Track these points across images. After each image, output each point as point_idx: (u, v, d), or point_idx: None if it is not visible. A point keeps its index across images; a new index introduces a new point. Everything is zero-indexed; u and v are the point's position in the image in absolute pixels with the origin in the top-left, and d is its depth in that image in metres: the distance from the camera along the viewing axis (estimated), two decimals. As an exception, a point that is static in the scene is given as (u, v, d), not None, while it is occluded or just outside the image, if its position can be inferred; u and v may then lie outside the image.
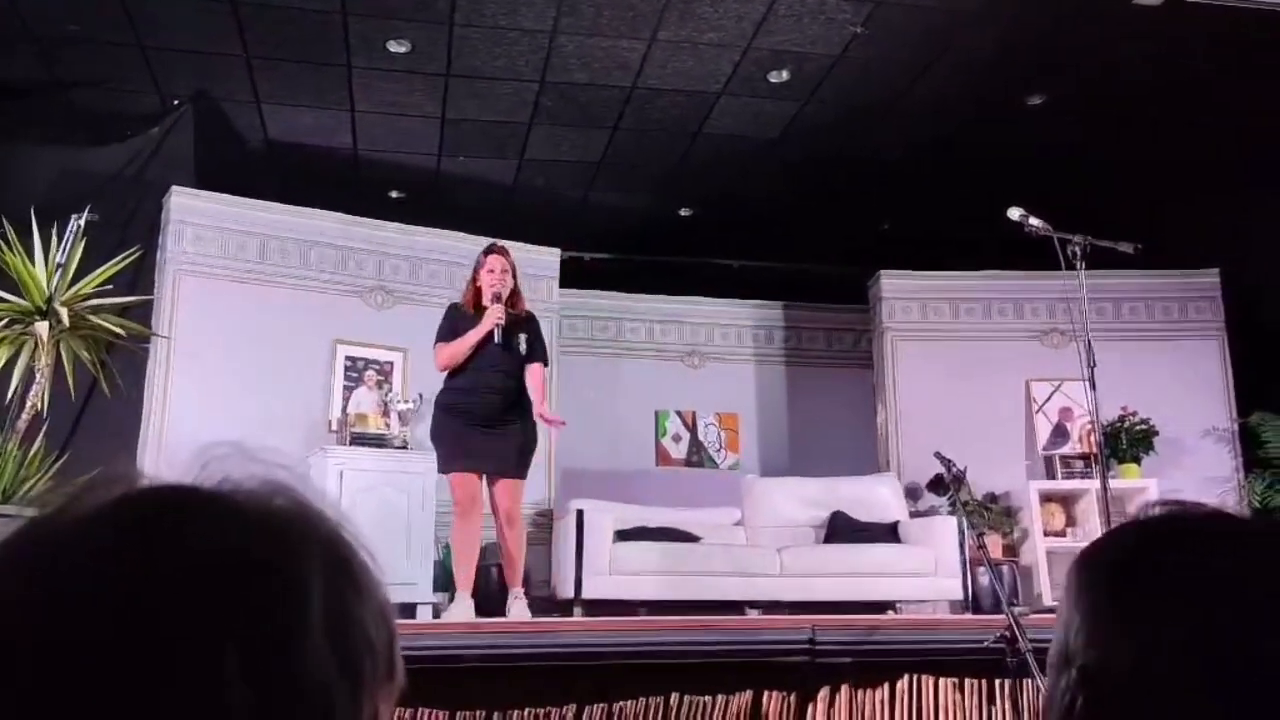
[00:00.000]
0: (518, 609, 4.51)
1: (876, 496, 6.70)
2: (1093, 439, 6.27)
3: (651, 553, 5.86)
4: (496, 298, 4.47)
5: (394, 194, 7.67)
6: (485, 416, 4.43)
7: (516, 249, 7.31)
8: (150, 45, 5.82)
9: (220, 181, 6.45)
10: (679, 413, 8.31)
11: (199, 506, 0.49)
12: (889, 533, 6.38)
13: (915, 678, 2.76)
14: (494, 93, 6.38)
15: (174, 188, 6.25)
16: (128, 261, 5.02)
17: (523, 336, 4.53)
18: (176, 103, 6.37)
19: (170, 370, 5.99)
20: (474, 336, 4.41)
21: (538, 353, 4.58)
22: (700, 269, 8.39)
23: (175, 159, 6.39)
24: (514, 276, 4.60)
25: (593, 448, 7.62)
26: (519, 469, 4.48)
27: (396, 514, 5.58)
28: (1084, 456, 6.91)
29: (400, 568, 5.48)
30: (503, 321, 4.40)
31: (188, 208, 6.29)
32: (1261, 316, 7.32)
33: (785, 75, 6.15)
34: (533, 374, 4.55)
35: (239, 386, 6.07)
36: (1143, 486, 6.79)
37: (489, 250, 4.67)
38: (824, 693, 2.70)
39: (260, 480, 0.52)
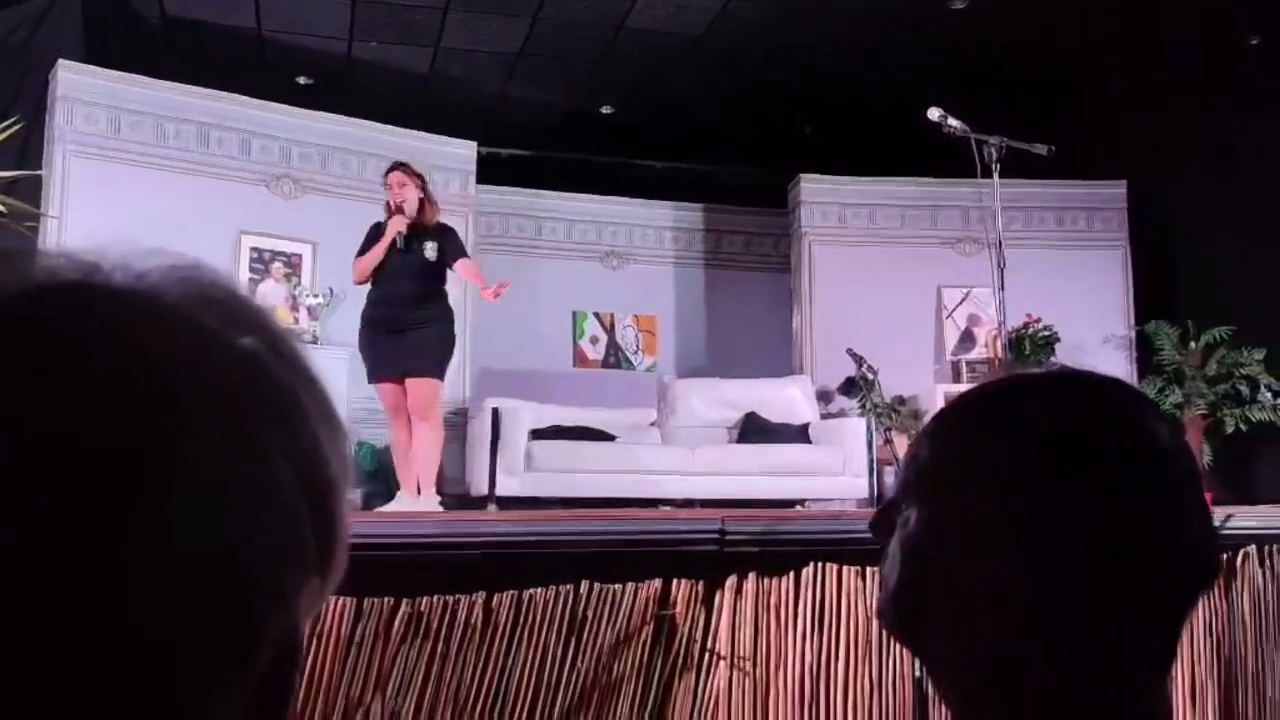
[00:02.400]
0: (426, 504, 4.57)
1: (789, 399, 6.81)
2: (998, 344, 6.44)
3: (566, 451, 5.89)
4: (398, 209, 4.63)
5: (302, 80, 7.33)
6: (393, 321, 4.58)
7: (431, 141, 7.14)
8: (31, -95, 5.39)
9: (113, 58, 6.07)
10: (597, 314, 8.28)
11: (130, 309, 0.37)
12: (800, 434, 6.51)
13: (819, 565, 2.83)
14: (408, -26, 6.09)
15: (61, 61, 5.86)
16: (7, 134, 4.70)
17: (430, 244, 4.64)
18: (63, -30, 5.93)
19: (61, 259, 5.70)
20: (378, 249, 4.60)
21: (451, 253, 4.72)
22: (621, 169, 8.27)
23: (63, 30, 5.97)
24: (422, 189, 4.75)
25: (509, 347, 7.57)
26: (427, 369, 4.55)
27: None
28: (989, 361, 7.11)
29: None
30: (403, 230, 4.57)
31: (77, 84, 5.91)
32: (1162, 228, 7.55)
33: (711, -32, 5.99)
34: (463, 270, 4.76)
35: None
36: (1043, 391, 7.03)
37: (389, 169, 4.85)
38: (731, 580, 2.76)
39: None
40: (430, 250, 4.61)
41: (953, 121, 3.99)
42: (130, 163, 6.04)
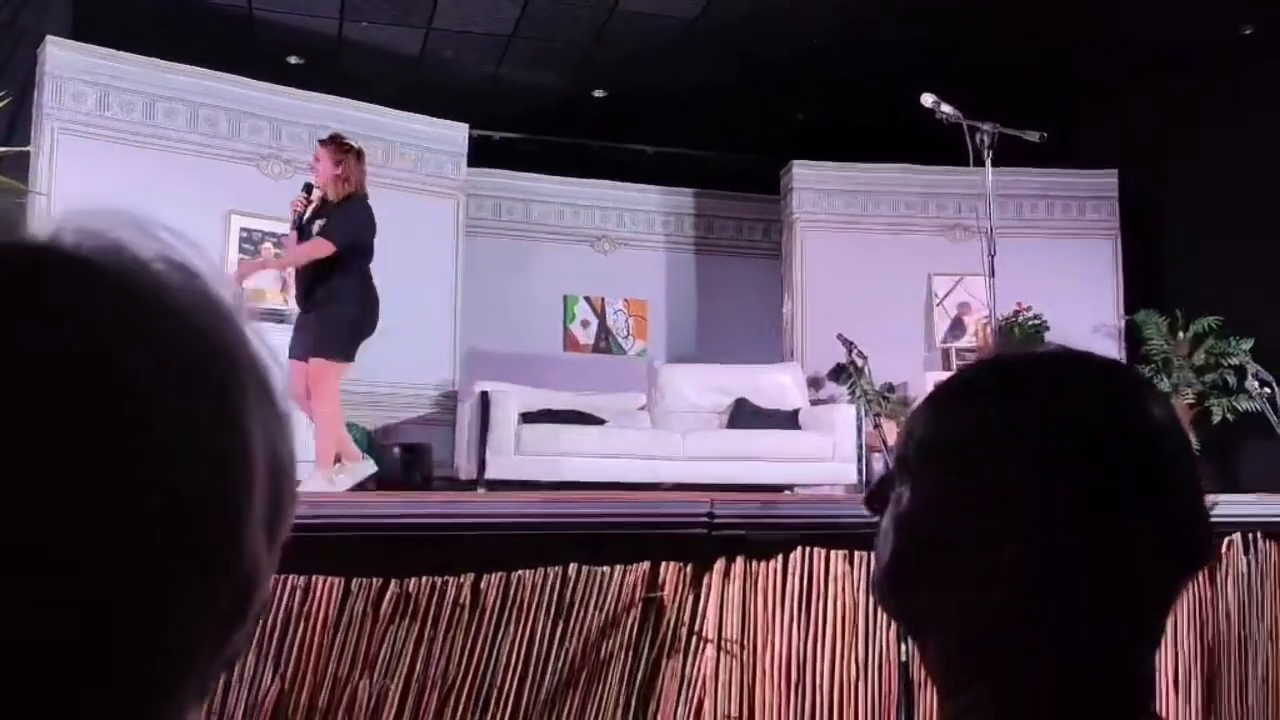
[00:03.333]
0: (315, 485, 4.28)
1: (779, 385, 6.82)
2: (988, 331, 6.45)
3: (556, 435, 5.89)
4: (305, 188, 4.55)
5: (293, 59, 7.28)
6: (300, 302, 4.53)
7: (422, 123, 7.10)
8: (18, -121, 5.33)
9: (102, 35, 6.02)
10: (588, 298, 8.27)
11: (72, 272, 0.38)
12: (790, 420, 6.52)
13: (807, 549, 2.84)
14: (400, -47, 6.05)
15: (49, 38, 5.80)
16: (-2, 109, 4.65)
17: (319, 222, 4.43)
18: (51, -54, 5.87)
19: (49, 234, 5.65)
20: (292, 235, 4.55)
21: (323, 229, 4.41)
22: (613, 153, 8.25)
23: (50, 7, 5.91)
24: (336, 163, 4.48)
25: (499, 331, 7.56)
26: (312, 351, 4.35)
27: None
28: (979, 349, 7.12)
29: (302, 449, 5.39)
30: (300, 209, 4.49)
31: (64, 60, 5.86)
32: (1152, 217, 7.57)
33: (705, -49, 5.96)
34: (311, 246, 4.41)
35: (126, 257, 5.79)
36: (1032, 379, 7.05)
37: (319, 141, 4.70)
38: (720, 563, 2.76)
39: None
40: (316, 229, 4.41)
41: (945, 108, 3.98)
42: (119, 141, 6.00)
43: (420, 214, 6.90)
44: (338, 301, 4.41)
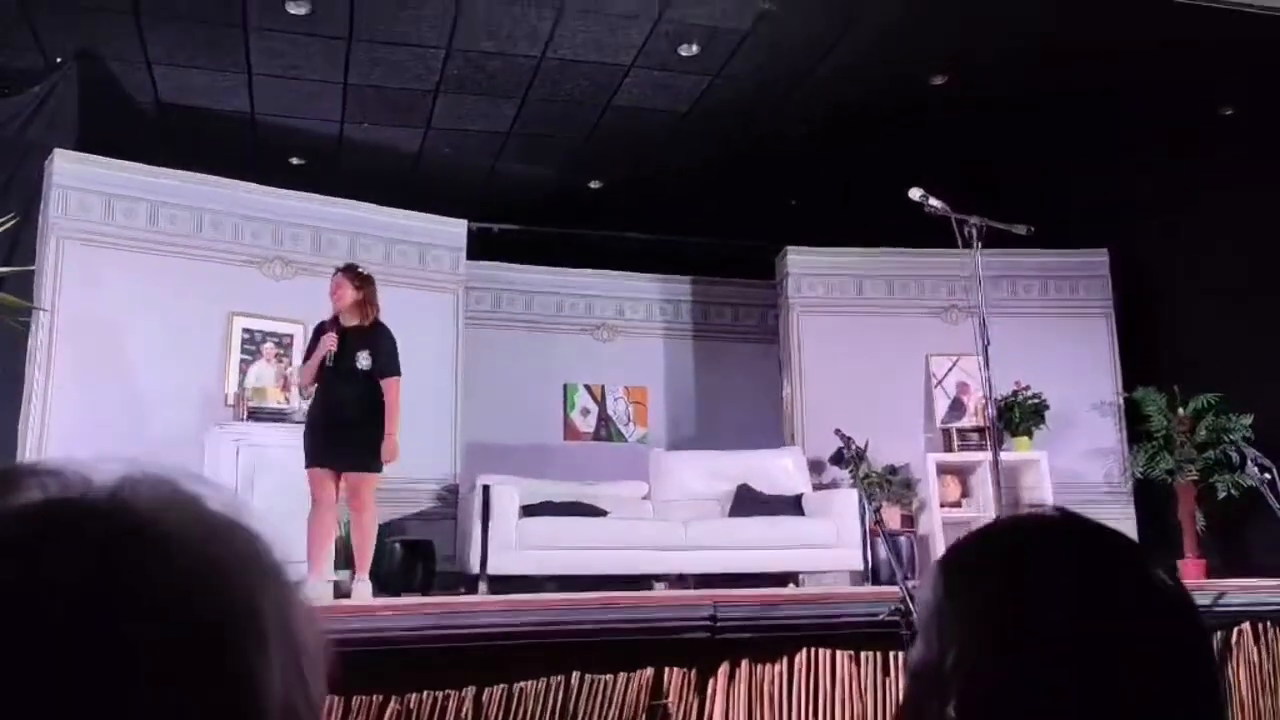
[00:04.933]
0: (360, 590, 4.66)
1: (781, 469, 6.81)
2: (987, 413, 6.47)
3: (558, 528, 5.86)
4: (334, 322, 4.80)
5: (294, 160, 7.44)
6: (329, 424, 4.72)
7: (422, 220, 7.22)
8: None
9: (107, 144, 6.16)
10: (587, 386, 8.30)
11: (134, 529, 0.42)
12: (792, 505, 6.49)
13: (813, 651, 2.81)
14: (398, 59, 6.22)
15: (57, 150, 5.94)
16: (4, 228, 4.74)
17: (364, 353, 4.74)
18: (60, 61, 6.04)
19: (54, 346, 5.69)
20: (313, 363, 4.79)
21: (386, 365, 4.79)
22: (609, 242, 8.36)
23: (58, 120, 6.06)
24: (358, 289, 4.85)
25: (500, 422, 7.57)
26: (363, 464, 4.71)
27: (297, 490, 5.43)
28: (979, 429, 7.12)
29: (301, 545, 5.36)
30: (334, 348, 4.71)
31: (71, 172, 5.98)
32: (1146, 295, 7.64)
33: (695, 49, 6.13)
34: (387, 390, 4.77)
35: (129, 362, 5.84)
36: (1034, 459, 7.04)
37: (336, 270, 5.00)
38: (724, 668, 2.74)
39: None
40: (363, 360, 4.73)
41: (933, 202, 4.05)
42: (123, 248, 6.09)
43: (421, 309, 6.97)
44: (380, 418, 4.68)
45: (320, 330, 4.90)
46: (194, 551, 0.43)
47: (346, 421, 4.67)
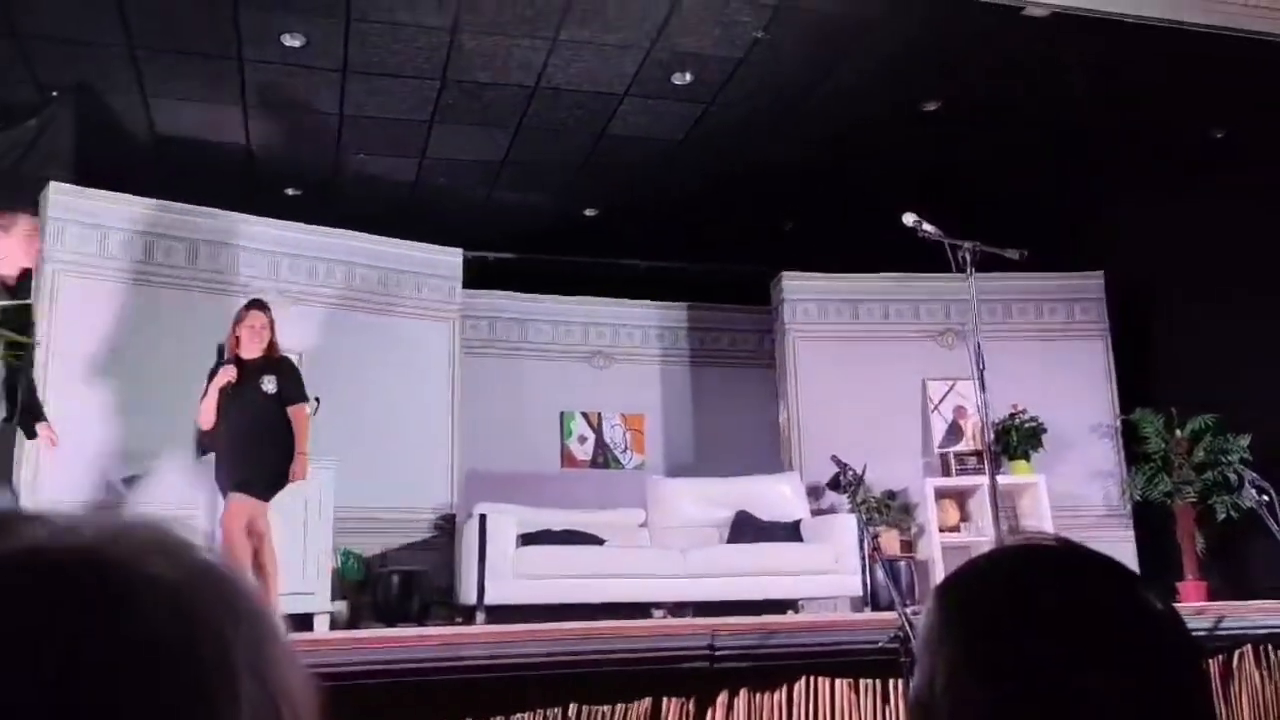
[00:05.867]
0: None
1: (779, 495, 6.79)
2: (984, 437, 6.46)
3: (555, 557, 5.83)
4: (233, 360, 4.99)
5: (290, 191, 7.46)
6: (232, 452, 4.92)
7: (418, 249, 7.24)
8: (26, 33, 5.54)
9: (103, 177, 6.17)
10: (584, 414, 8.29)
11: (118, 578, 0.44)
12: (791, 531, 6.47)
13: (811, 679, 2.78)
14: (393, 90, 6.26)
15: (52, 183, 5.95)
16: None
17: (269, 378, 4.92)
18: (55, 94, 6.07)
19: (48, 380, 5.67)
20: (211, 394, 4.96)
21: (294, 393, 4.99)
22: (605, 269, 8.38)
23: (54, 153, 6.08)
24: (272, 323, 5.08)
25: (497, 450, 7.56)
26: (264, 493, 4.84)
27: (293, 522, 5.42)
28: (977, 453, 7.11)
29: (297, 578, 5.34)
30: (233, 380, 4.91)
31: (67, 205, 5.99)
32: (1142, 317, 7.65)
33: (688, 77, 6.17)
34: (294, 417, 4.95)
35: (125, 395, 5.82)
36: (1032, 482, 7.03)
37: (250, 305, 5.16)
38: (722, 697, 2.71)
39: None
40: (271, 386, 4.90)
41: (927, 227, 4.07)
42: (120, 280, 6.09)
43: (417, 339, 6.99)
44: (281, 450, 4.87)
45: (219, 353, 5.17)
46: (171, 599, 0.44)
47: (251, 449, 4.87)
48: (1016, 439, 7.05)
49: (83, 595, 0.44)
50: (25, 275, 4.57)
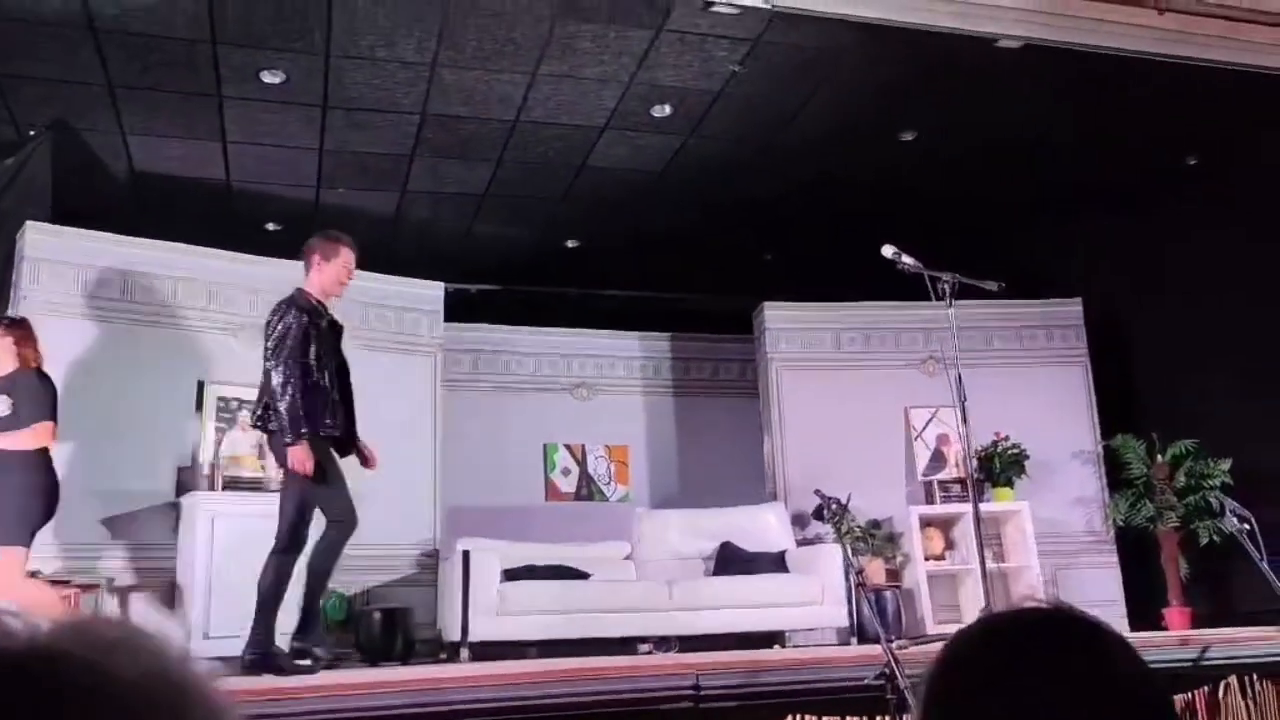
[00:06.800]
0: None
1: (764, 525, 6.77)
2: (968, 466, 6.47)
3: (540, 592, 5.78)
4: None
5: (270, 226, 7.44)
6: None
7: (398, 284, 7.21)
8: (4, 71, 5.52)
9: (82, 215, 6.13)
10: (568, 446, 8.26)
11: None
12: (776, 562, 6.44)
13: (798, 717, 2.76)
14: (373, 124, 6.27)
15: (28, 223, 5.90)
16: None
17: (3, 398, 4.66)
18: (33, 132, 6.04)
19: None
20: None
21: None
22: (587, 301, 8.38)
23: (32, 191, 6.04)
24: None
25: (480, 484, 7.51)
26: None
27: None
28: (961, 481, 7.12)
29: (281, 617, 5.25)
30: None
31: (43, 244, 5.94)
32: (1121, 343, 7.71)
33: (667, 109, 6.21)
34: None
35: (102, 431, 5.75)
36: (1016, 509, 7.04)
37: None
38: (708, 739, 2.67)
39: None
40: (5, 406, 4.64)
41: (906, 259, 4.09)
42: (97, 318, 6.04)
43: (398, 373, 6.94)
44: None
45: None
46: (123, 699, 0.45)
47: None
48: (999, 466, 7.06)
49: (39, 693, 0.44)
50: None
